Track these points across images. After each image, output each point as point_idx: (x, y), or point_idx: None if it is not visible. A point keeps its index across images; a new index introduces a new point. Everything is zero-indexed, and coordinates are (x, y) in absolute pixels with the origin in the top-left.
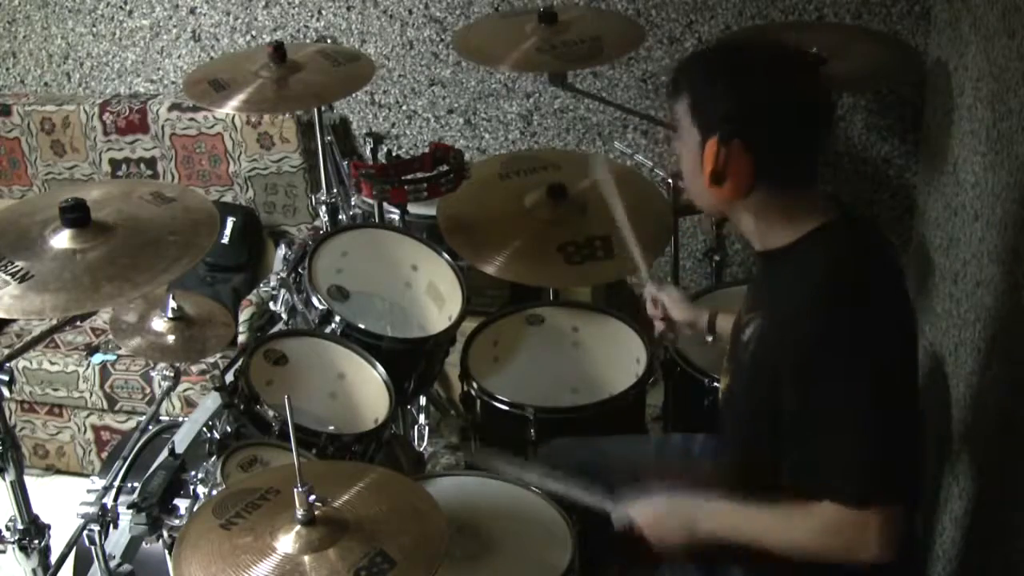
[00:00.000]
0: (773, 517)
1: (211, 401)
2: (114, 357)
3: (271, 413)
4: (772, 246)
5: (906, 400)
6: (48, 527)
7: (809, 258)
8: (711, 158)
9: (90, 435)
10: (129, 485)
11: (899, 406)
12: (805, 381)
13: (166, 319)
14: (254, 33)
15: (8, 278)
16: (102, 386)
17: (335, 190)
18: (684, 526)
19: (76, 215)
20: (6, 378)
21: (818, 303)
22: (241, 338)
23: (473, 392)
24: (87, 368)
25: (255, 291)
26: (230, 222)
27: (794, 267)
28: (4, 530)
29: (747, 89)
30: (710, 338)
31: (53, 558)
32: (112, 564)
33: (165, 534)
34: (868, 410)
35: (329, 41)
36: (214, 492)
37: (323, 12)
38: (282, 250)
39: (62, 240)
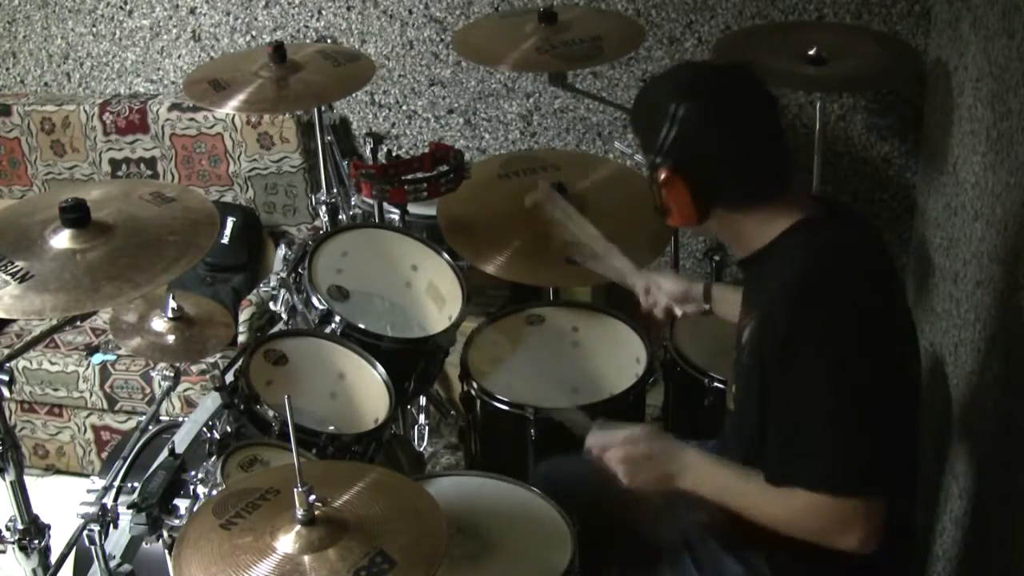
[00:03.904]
0: (756, 488)
1: (211, 401)
2: (114, 357)
3: (271, 413)
4: (752, 250)
5: (889, 394)
6: (48, 527)
7: (785, 256)
8: (653, 192)
9: (90, 435)
10: (129, 485)
11: (881, 400)
12: (781, 375)
13: (166, 319)
14: (254, 33)
15: (8, 278)
16: (102, 386)
17: (335, 190)
18: (663, 472)
19: (76, 215)
20: (6, 378)
21: (791, 299)
22: (241, 338)
23: (473, 392)
24: (87, 368)
25: (255, 291)
26: (230, 222)
27: (773, 266)
28: (4, 530)
29: (670, 119)
30: (707, 306)
31: (53, 558)
32: (112, 564)
33: (165, 534)
34: (840, 402)
35: (329, 41)
36: (214, 492)
37: (323, 12)
38: (282, 250)
39: (62, 240)
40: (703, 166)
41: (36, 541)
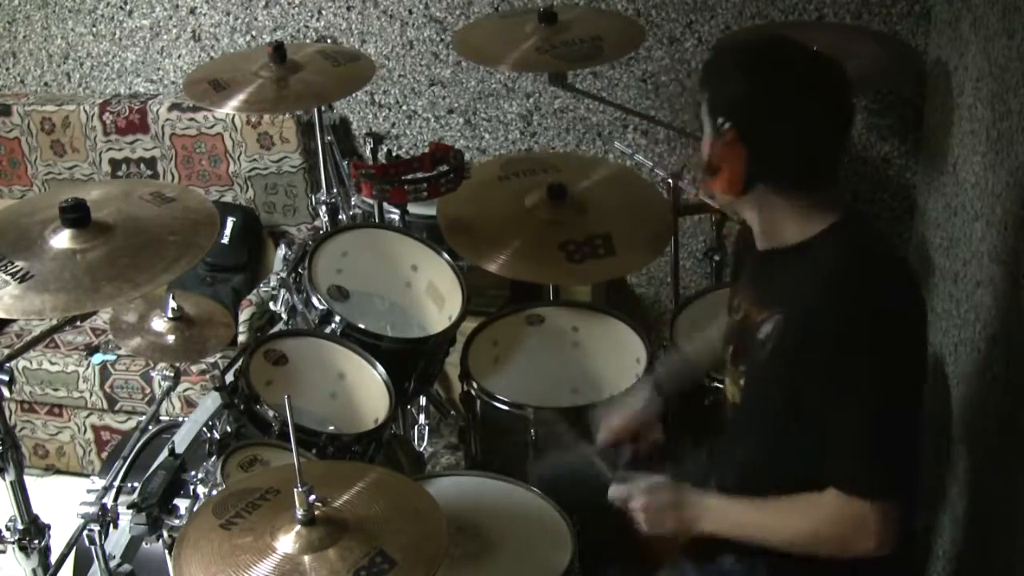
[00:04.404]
0: (773, 511)
1: (211, 401)
2: (114, 357)
3: (271, 413)
4: (782, 244)
5: (912, 399)
6: (48, 527)
7: (824, 256)
8: (707, 147)
9: (90, 435)
10: (129, 485)
11: (906, 405)
12: (822, 377)
13: (166, 319)
14: (254, 33)
15: (8, 278)
16: (102, 386)
17: (335, 190)
18: (683, 519)
19: (76, 215)
20: (6, 378)
21: (835, 301)
22: (241, 338)
23: (473, 392)
24: (87, 368)
25: (255, 291)
26: (230, 222)
27: (809, 265)
28: (4, 530)
29: (749, 84)
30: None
31: (53, 558)
32: (112, 564)
33: (165, 534)
34: (879, 407)
35: (329, 41)
36: (214, 492)
37: (323, 12)
38: (282, 250)
39: (62, 240)
40: (770, 139)
41: (36, 541)
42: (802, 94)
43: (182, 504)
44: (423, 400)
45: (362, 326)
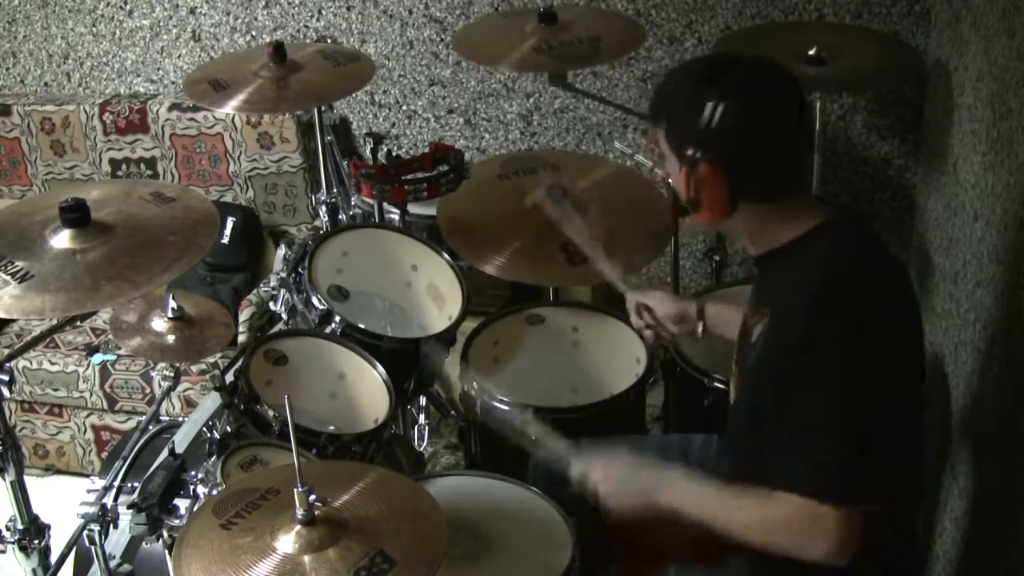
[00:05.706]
0: (732, 498)
1: (211, 401)
2: (114, 357)
3: (271, 413)
4: (770, 248)
5: (896, 400)
6: (48, 527)
7: (807, 257)
8: (684, 186)
9: (90, 435)
10: (129, 485)
11: (886, 406)
12: (793, 377)
13: (166, 319)
14: (254, 33)
15: (8, 278)
16: (102, 386)
17: (335, 190)
18: (643, 492)
19: (76, 215)
20: (6, 378)
21: (812, 302)
22: (241, 338)
23: (473, 392)
24: (87, 368)
25: (255, 291)
26: (230, 222)
27: (793, 266)
28: (4, 530)
29: (707, 113)
30: (700, 328)
31: (53, 558)
32: (112, 564)
33: (165, 534)
34: (850, 407)
35: (329, 41)
36: (214, 492)
37: (323, 12)
38: (282, 250)
39: (62, 240)
40: (743, 160)
41: (36, 541)
42: (764, 104)
43: (182, 504)
44: (423, 400)
45: (362, 326)
